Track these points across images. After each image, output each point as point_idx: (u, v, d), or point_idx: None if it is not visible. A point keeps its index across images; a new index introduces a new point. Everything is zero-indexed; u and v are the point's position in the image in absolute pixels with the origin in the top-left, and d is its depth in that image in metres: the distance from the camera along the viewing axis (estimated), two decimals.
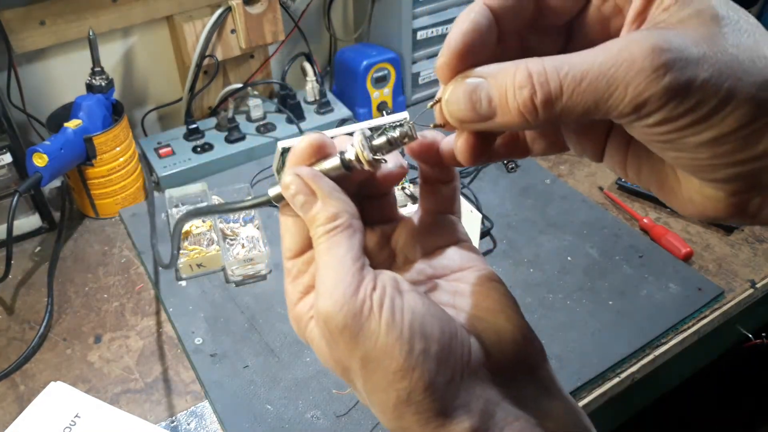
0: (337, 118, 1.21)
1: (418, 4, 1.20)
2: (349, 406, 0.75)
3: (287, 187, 0.32)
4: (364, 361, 0.28)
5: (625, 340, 0.83)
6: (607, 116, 0.25)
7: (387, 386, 0.28)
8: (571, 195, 1.07)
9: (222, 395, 0.77)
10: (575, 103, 0.25)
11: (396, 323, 0.28)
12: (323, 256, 0.30)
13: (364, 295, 0.29)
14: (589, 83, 0.24)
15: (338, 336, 0.29)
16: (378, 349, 0.28)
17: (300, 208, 0.32)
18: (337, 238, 0.30)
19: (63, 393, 0.76)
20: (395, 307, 0.29)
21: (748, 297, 0.90)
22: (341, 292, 0.29)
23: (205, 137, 1.16)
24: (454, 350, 0.29)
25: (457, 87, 0.28)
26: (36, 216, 1.01)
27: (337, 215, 0.31)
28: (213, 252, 0.93)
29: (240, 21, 1.11)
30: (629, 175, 0.31)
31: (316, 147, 0.33)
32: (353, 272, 0.29)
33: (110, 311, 0.89)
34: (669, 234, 0.97)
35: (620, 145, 0.31)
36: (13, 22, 0.97)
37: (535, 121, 0.26)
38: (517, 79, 0.25)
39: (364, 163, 0.32)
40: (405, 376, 0.28)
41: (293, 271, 0.34)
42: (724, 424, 1.40)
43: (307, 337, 0.33)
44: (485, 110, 0.27)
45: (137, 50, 1.14)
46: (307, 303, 0.33)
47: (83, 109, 0.97)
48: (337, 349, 0.29)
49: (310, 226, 0.31)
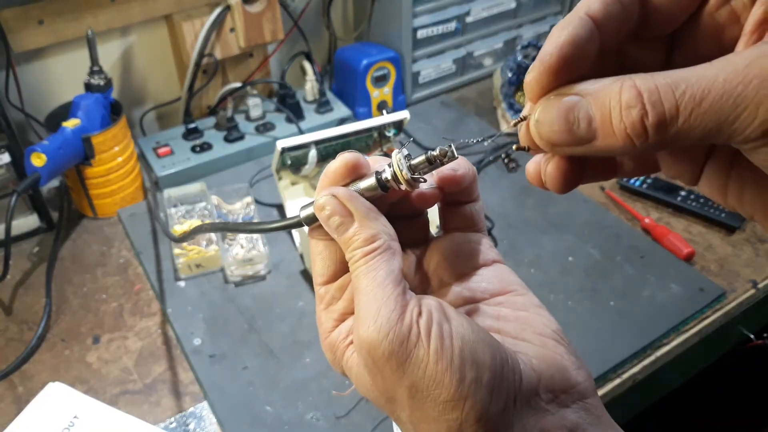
0: (336, 118, 1.20)
1: (418, 3, 1.20)
2: (349, 407, 0.75)
3: (322, 208, 0.31)
4: (411, 391, 0.27)
5: (627, 341, 0.82)
6: (729, 141, 0.22)
7: (437, 417, 0.27)
8: (572, 195, 1.06)
9: (221, 396, 0.77)
10: (693, 126, 0.22)
11: (446, 351, 0.27)
12: (362, 281, 0.29)
13: (410, 321, 0.27)
14: (711, 103, 0.21)
15: (383, 365, 0.27)
16: (427, 378, 0.27)
17: (335, 229, 0.30)
18: (375, 261, 0.29)
19: (61, 394, 0.76)
20: (444, 333, 0.27)
21: (749, 297, 0.90)
22: (385, 318, 0.27)
23: (204, 137, 1.15)
24: (506, 377, 0.28)
25: (550, 105, 0.25)
26: (34, 216, 1.01)
27: (375, 237, 0.30)
28: (212, 252, 0.92)
29: (239, 20, 1.11)
30: (729, 200, 0.28)
31: (351, 166, 0.32)
32: (395, 297, 0.28)
33: (109, 312, 0.89)
34: (670, 234, 0.96)
35: (722, 168, 0.28)
36: (11, 21, 0.96)
37: (643, 146, 0.23)
38: (624, 97, 0.22)
39: (403, 182, 0.31)
40: (456, 406, 0.26)
41: (326, 297, 0.32)
42: (725, 425, 1.40)
43: (344, 367, 0.32)
44: (584, 132, 0.24)
45: (136, 49, 1.13)
46: (343, 330, 0.32)
47: (82, 109, 0.97)
48: (382, 379, 0.28)
49: (345, 248, 0.30)
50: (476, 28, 1.31)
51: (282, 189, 0.98)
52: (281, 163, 0.95)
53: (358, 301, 0.29)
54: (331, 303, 0.32)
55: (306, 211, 0.33)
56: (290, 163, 0.94)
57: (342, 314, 0.32)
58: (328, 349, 0.32)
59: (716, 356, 1.09)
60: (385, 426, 0.73)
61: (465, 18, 1.27)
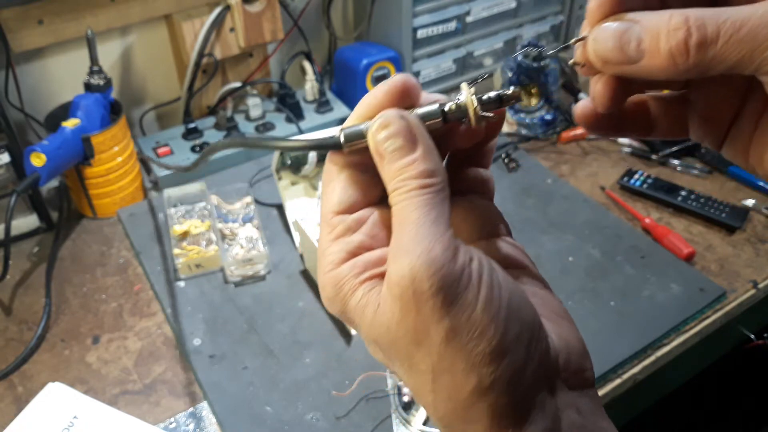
0: (336, 117, 1.20)
1: (418, 3, 1.20)
2: (349, 407, 0.75)
3: (385, 125, 0.28)
4: (449, 335, 0.25)
5: (627, 341, 0.82)
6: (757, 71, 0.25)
7: (469, 368, 0.25)
8: (572, 195, 1.06)
9: (221, 397, 0.76)
10: (730, 50, 0.24)
11: (494, 300, 0.26)
12: (413, 212, 0.27)
13: (463, 263, 0.26)
14: (749, 31, 0.24)
15: (425, 301, 0.25)
16: (471, 324, 0.25)
17: (390, 153, 0.28)
18: (431, 197, 0.27)
19: (61, 394, 0.76)
20: (494, 282, 0.26)
21: (750, 297, 0.90)
22: (439, 253, 0.25)
23: (203, 136, 1.15)
24: (541, 342, 0.27)
25: (607, 26, 0.27)
26: (34, 216, 1.01)
27: (435, 173, 0.28)
28: (212, 252, 0.92)
29: (239, 19, 1.11)
30: (750, 162, 0.31)
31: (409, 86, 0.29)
32: (449, 237, 0.26)
33: (108, 312, 0.89)
34: (671, 234, 0.96)
35: (745, 131, 0.30)
36: (11, 21, 0.96)
37: (684, 66, 0.25)
38: (672, 21, 0.25)
39: (472, 116, 0.29)
40: (494, 359, 0.25)
41: (339, 228, 0.30)
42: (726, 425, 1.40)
43: (347, 305, 0.29)
44: (633, 52, 0.26)
45: (135, 49, 1.13)
46: (358, 264, 0.29)
47: (81, 109, 0.97)
48: (417, 317, 0.26)
49: (395, 176, 0.28)
50: (476, 27, 1.31)
51: (282, 189, 0.98)
52: (281, 163, 0.95)
53: (404, 232, 0.27)
54: (344, 234, 0.30)
55: (350, 129, 0.30)
56: (290, 163, 0.94)
57: (358, 248, 0.29)
58: (331, 283, 0.29)
59: (716, 356, 1.09)
60: (385, 426, 0.73)
61: (465, 18, 1.27)
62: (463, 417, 0.26)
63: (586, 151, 1.18)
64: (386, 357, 0.29)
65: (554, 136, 1.21)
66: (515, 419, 0.26)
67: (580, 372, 0.29)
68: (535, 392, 0.27)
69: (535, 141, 1.21)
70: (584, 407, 0.28)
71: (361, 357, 0.81)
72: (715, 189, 1.08)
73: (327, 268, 0.29)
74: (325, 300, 0.30)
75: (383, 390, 0.76)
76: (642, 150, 1.17)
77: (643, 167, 1.12)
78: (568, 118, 1.22)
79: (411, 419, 0.72)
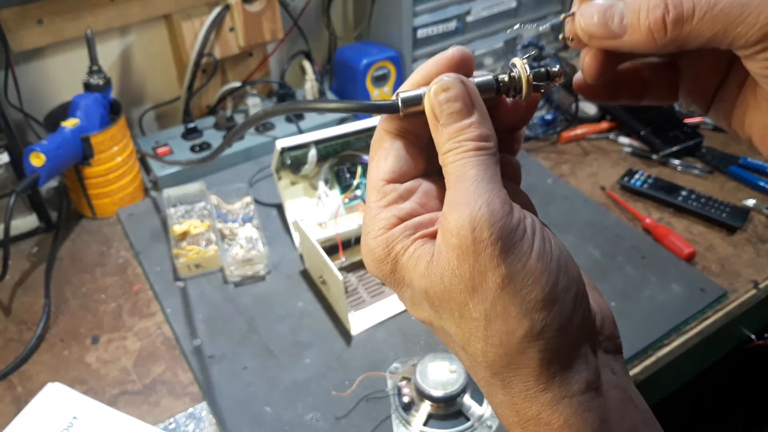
0: (336, 117, 1.20)
1: (418, 3, 1.20)
2: (349, 408, 0.75)
3: (446, 88, 0.30)
4: (505, 281, 0.27)
5: (627, 342, 0.81)
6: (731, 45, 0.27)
7: (523, 314, 0.27)
8: (573, 195, 1.06)
9: (220, 397, 0.76)
10: (704, 26, 0.26)
11: (546, 253, 0.28)
12: (471, 170, 0.28)
13: (519, 218, 0.28)
14: (722, 8, 0.26)
15: (483, 249, 0.27)
16: (525, 271, 0.27)
17: (448, 115, 0.29)
18: (487, 158, 0.29)
19: (60, 394, 0.76)
20: (545, 238, 0.28)
21: (751, 298, 0.90)
22: (498, 206, 0.27)
23: (203, 136, 1.15)
24: (585, 298, 0.29)
25: (593, 3, 0.29)
26: (33, 216, 1.01)
27: (489, 137, 0.30)
28: (211, 252, 0.92)
29: (239, 19, 1.11)
30: (733, 126, 0.33)
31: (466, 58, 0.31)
32: (505, 194, 0.28)
33: (108, 312, 0.88)
34: (671, 234, 0.96)
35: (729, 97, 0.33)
36: (10, 20, 0.96)
37: (662, 41, 0.27)
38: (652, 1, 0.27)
39: (525, 88, 0.31)
40: (546, 306, 0.27)
41: (391, 195, 0.31)
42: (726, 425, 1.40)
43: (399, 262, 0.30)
44: (616, 27, 0.29)
45: (135, 49, 1.13)
46: (410, 226, 0.30)
47: (81, 108, 0.97)
48: (474, 264, 0.27)
49: (451, 137, 0.29)
50: (476, 27, 1.30)
51: (282, 189, 0.98)
52: (281, 163, 0.95)
53: (462, 187, 0.28)
54: (396, 202, 0.31)
55: (407, 93, 0.31)
56: (290, 162, 0.94)
57: (409, 214, 0.31)
58: (382, 245, 0.31)
59: (717, 357, 1.09)
60: (385, 426, 0.73)
61: (465, 17, 1.27)
62: (514, 362, 0.28)
63: (586, 151, 1.18)
64: (434, 310, 0.30)
65: (554, 136, 1.21)
66: (561, 366, 0.28)
67: (612, 338, 0.31)
68: (580, 343, 0.28)
69: (535, 141, 1.21)
70: (618, 369, 0.30)
71: (361, 357, 0.81)
72: (716, 189, 1.07)
73: (376, 233, 0.31)
74: (373, 263, 0.31)
75: (383, 390, 0.76)
76: (642, 150, 1.16)
77: (643, 167, 1.12)
78: (568, 118, 1.22)
79: (411, 419, 0.72)
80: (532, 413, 0.28)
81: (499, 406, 0.30)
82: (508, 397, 0.29)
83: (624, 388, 0.30)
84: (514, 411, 0.29)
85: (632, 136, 1.20)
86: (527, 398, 0.28)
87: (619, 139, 1.20)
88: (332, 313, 0.87)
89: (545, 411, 0.28)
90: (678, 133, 1.16)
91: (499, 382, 0.29)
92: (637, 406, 0.30)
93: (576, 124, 1.22)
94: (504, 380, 0.28)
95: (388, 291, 0.90)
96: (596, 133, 1.21)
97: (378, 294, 0.89)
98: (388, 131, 0.32)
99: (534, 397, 0.28)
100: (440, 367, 0.73)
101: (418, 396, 0.73)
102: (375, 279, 0.91)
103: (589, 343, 0.29)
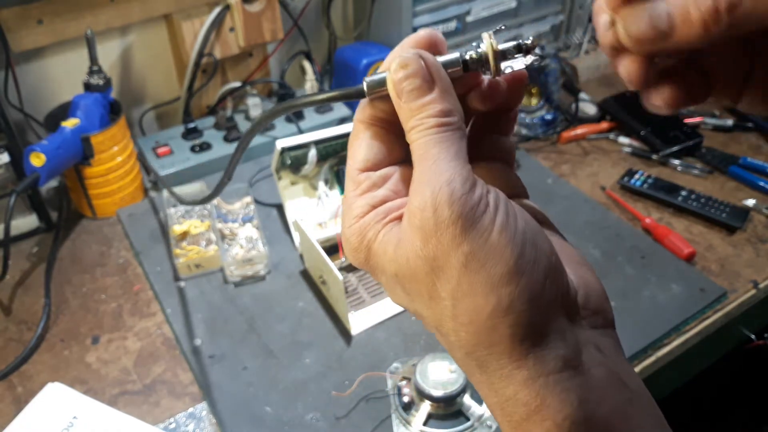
0: (336, 117, 1.20)
1: (418, 2, 1.20)
2: (349, 407, 0.75)
3: (404, 65, 0.29)
4: (468, 258, 0.27)
5: (627, 341, 0.82)
6: None
7: (489, 290, 0.27)
8: (573, 195, 1.06)
9: (221, 397, 0.76)
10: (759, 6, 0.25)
11: (510, 226, 0.27)
12: (433, 148, 0.28)
13: (481, 193, 0.28)
14: None
15: (445, 227, 0.27)
16: (488, 247, 0.27)
17: (408, 92, 0.29)
18: (450, 134, 0.29)
19: (60, 394, 0.76)
20: (509, 211, 0.28)
21: (750, 298, 0.90)
22: (459, 184, 0.27)
23: (203, 136, 1.15)
24: (558, 273, 0.28)
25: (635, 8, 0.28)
26: (33, 216, 1.01)
27: (452, 112, 0.29)
28: (211, 252, 0.92)
29: (239, 19, 1.11)
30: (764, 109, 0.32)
31: (434, 40, 0.31)
32: (468, 171, 0.28)
33: (108, 312, 0.88)
34: (671, 234, 0.96)
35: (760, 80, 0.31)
36: (10, 20, 0.96)
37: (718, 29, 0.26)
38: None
39: (491, 64, 0.30)
40: (512, 280, 0.27)
41: (365, 184, 0.32)
42: (726, 425, 1.40)
43: (371, 249, 0.30)
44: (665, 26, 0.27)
45: (135, 49, 1.13)
46: (381, 212, 0.31)
47: (81, 108, 0.97)
48: (437, 244, 0.27)
49: (413, 115, 0.29)
50: (477, 27, 1.30)
51: (282, 189, 0.98)
52: (281, 163, 0.95)
53: (424, 167, 0.28)
54: (370, 190, 0.32)
55: (372, 77, 0.31)
56: (290, 162, 0.94)
57: (382, 200, 0.31)
58: (356, 233, 0.31)
59: (717, 356, 1.09)
60: (385, 426, 0.73)
61: (465, 17, 1.27)
62: (485, 341, 0.27)
63: (586, 151, 1.18)
64: (406, 294, 0.30)
65: (554, 136, 1.21)
66: (534, 342, 0.27)
67: (600, 312, 0.30)
68: (553, 317, 0.28)
69: (535, 141, 1.21)
70: (605, 345, 0.29)
71: (361, 357, 0.81)
72: (716, 189, 1.07)
73: (350, 222, 0.31)
74: (349, 252, 0.32)
75: (383, 390, 0.76)
76: (642, 150, 1.16)
77: (643, 167, 1.12)
78: (568, 118, 1.22)
79: (411, 419, 0.72)
80: (510, 393, 0.28)
81: (478, 386, 0.29)
82: (485, 377, 0.28)
83: (611, 366, 0.29)
84: (493, 391, 0.28)
85: (632, 136, 1.20)
86: (503, 377, 0.28)
87: (619, 139, 1.20)
88: (332, 313, 0.87)
89: (522, 390, 0.27)
90: (678, 133, 1.16)
91: (474, 363, 0.28)
92: (627, 385, 0.29)
93: (576, 124, 1.22)
94: (479, 360, 0.28)
95: None
96: (596, 133, 1.21)
97: (378, 294, 0.89)
98: (362, 121, 0.32)
99: (509, 375, 0.27)
100: (440, 367, 0.73)
101: (418, 396, 0.73)
102: (375, 279, 0.91)
103: (566, 318, 0.28)
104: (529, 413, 0.27)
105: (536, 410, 0.27)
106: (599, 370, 0.28)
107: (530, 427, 0.27)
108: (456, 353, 0.29)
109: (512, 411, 0.28)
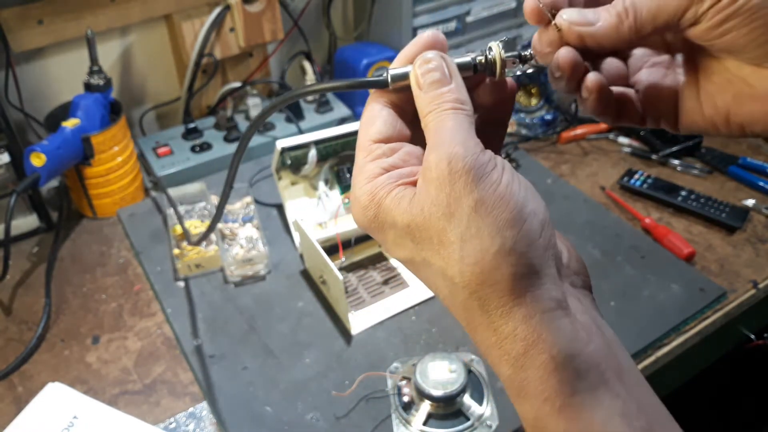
0: (336, 118, 1.20)
1: (418, 3, 1.20)
2: (349, 407, 0.75)
3: (428, 60, 0.34)
4: (478, 204, 0.30)
5: (627, 341, 0.82)
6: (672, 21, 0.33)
7: (495, 233, 0.30)
8: (572, 195, 1.06)
9: (221, 397, 0.76)
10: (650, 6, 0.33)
11: (514, 182, 0.31)
12: (449, 121, 0.33)
13: (490, 155, 0.32)
14: None
15: (459, 177, 0.31)
16: (496, 195, 0.30)
17: (429, 84, 0.34)
18: (462, 116, 0.33)
19: (61, 394, 0.76)
20: (514, 174, 0.32)
21: (750, 297, 0.90)
22: (472, 144, 0.31)
23: (203, 136, 1.15)
24: (551, 228, 0.32)
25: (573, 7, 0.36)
26: (34, 216, 1.01)
27: (465, 101, 0.34)
28: (211, 252, 0.92)
29: (239, 19, 1.11)
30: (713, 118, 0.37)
31: (441, 40, 0.36)
32: (477, 140, 0.32)
33: (108, 312, 0.89)
34: (671, 234, 0.96)
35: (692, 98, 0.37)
36: (10, 21, 0.96)
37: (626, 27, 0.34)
38: None
39: (498, 69, 0.36)
40: (515, 224, 0.30)
41: (377, 152, 0.35)
42: (726, 425, 1.40)
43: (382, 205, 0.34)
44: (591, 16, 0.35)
45: (135, 49, 1.13)
46: (392, 176, 0.34)
47: (81, 108, 0.97)
48: (450, 192, 0.31)
49: (432, 102, 0.34)
50: (476, 27, 1.31)
51: (282, 189, 0.98)
52: (281, 163, 0.95)
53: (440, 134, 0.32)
54: (381, 157, 0.35)
55: (395, 70, 0.36)
56: (290, 163, 0.94)
57: (392, 166, 0.35)
58: (367, 192, 0.34)
59: (716, 356, 1.09)
60: (385, 426, 0.73)
61: (465, 17, 1.27)
62: (489, 279, 0.30)
63: (586, 151, 1.18)
64: (415, 243, 0.33)
65: (554, 136, 1.21)
66: (532, 281, 0.31)
67: (579, 274, 0.35)
68: (547, 264, 0.31)
69: (535, 141, 1.21)
70: (584, 300, 0.34)
71: (361, 357, 0.81)
72: (715, 189, 1.08)
73: (364, 182, 0.34)
74: (358, 210, 0.35)
75: (383, 390, 0.76)
76: (642, 150, 1.17)
77: (643, 167, 1.12)
78: (568, 118, 1.22)
79: (411, 419, 0.72)
80: (509, 329, 0.31)
81: (477, 330, 0.32)
82: (485, 316, 0.31)
83: (592, 317, 0.33)
84: (492, 330, 0.31)
85: (632, 136, 1.20)
86: (503, 314, 0.31)
87: (619, 139, 1.20)
88: (332, 313, 0.87)
89: (520, 326, 0.30)
90: None
91: (476, 303, 0.31)
92: (605, 335, 0.32)
93: (576, 124, 1.22)
94: (481, 299, 0.31)
95: (388, 291, 0.90)
96: (596, 133, 1.21)
97: (378, 294, 0.89)
98: (378, 101, 0.37)
99: (509, 312, 0.30)
100: (440, 366, 0.73)
101: (418, 395, 0.73)
102: (375, 279, 0.92)
103: (555, 267, 0.32)
104: (527, 347, 0.30)
105: (533, 344, 0.30)
106: (583, 317, 0.32)
107: (527, 361, 0.30)
108: (459, 296, 0.32)
109: (510, 347, 0.31)
